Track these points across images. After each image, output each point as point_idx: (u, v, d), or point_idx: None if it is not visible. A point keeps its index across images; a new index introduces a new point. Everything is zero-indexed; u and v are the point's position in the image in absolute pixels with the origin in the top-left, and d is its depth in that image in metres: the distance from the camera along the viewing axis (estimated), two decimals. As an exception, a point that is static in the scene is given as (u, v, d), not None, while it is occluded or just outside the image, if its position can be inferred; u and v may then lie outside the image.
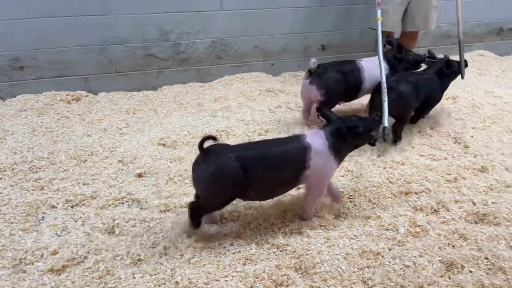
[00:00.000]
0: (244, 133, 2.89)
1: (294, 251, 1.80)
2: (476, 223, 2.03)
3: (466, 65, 3.07)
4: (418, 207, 2.13)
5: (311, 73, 2.86)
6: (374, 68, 2.87)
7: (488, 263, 1.75)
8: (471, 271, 1.71)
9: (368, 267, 1.74)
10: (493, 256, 1.77)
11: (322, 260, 1.75)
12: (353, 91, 2.99)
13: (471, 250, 1.81)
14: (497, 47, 4.84)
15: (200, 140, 1.75)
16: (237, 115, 3.24)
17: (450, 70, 2.93)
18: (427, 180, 2.36)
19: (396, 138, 2.74)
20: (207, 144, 1.78)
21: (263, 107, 3.42)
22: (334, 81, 2.86)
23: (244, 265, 1.75)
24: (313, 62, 2.80)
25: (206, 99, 3.55)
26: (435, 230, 1.95)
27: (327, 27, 4.15)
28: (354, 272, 1.71)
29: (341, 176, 2.41)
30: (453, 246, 1.86)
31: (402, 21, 3.65)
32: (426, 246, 1.83)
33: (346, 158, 2.56)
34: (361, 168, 2.48)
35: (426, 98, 2.83)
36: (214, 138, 1.75)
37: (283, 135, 2.87)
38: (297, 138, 1.91)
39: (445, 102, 3.32)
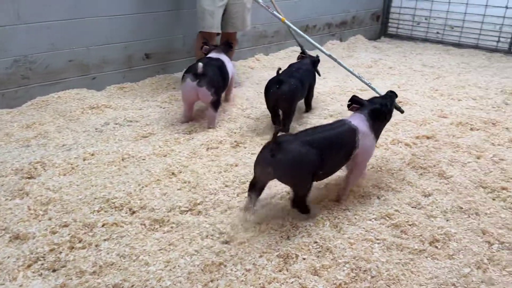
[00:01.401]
0: (65, 161, 2.56)
1: (132, 286, 1.65)
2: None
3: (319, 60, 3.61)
4: (254, 206, 2.19)
5: (196, 76, 2.93)
6: (228, 62, 3.33)
7: (317, 246, 1.90)
8: (304, 259, 1.82)
9: (211, 281, 1.70)
10: (321, 239, 1.93)
11: (163, 287, 1.64)
12: (225, 83, 3.25)
13: (302, 238, 1.94)
14: (306, 43, 5.41)
15: (273, 134, 1.92)
16: (56, 141, 2.86)
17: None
18: (260, 177, 2.46)
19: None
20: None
21: (87, 127, 3.10)
22: (218, 78, 3.06)
23: (75, 318, 1.53)
24: (201, 66, 2.89)
25: (15, 128, 3.04)
26: (273, 227, 2.02)
27: (148, 35, 4.00)
28: (198, 290, 1.65)
29: (178, 189, 2.33)
30: (288, 237, 1.96)
31: (222, 23, 3.75)
32: (265, 245, 1.89)
33: (182, 169, 2.53)
34: (198, 177, 2.45)
35: (310, 87, 3.30)
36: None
37: (113, 155, 2.65)
38: (344, 123, 2.14)
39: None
